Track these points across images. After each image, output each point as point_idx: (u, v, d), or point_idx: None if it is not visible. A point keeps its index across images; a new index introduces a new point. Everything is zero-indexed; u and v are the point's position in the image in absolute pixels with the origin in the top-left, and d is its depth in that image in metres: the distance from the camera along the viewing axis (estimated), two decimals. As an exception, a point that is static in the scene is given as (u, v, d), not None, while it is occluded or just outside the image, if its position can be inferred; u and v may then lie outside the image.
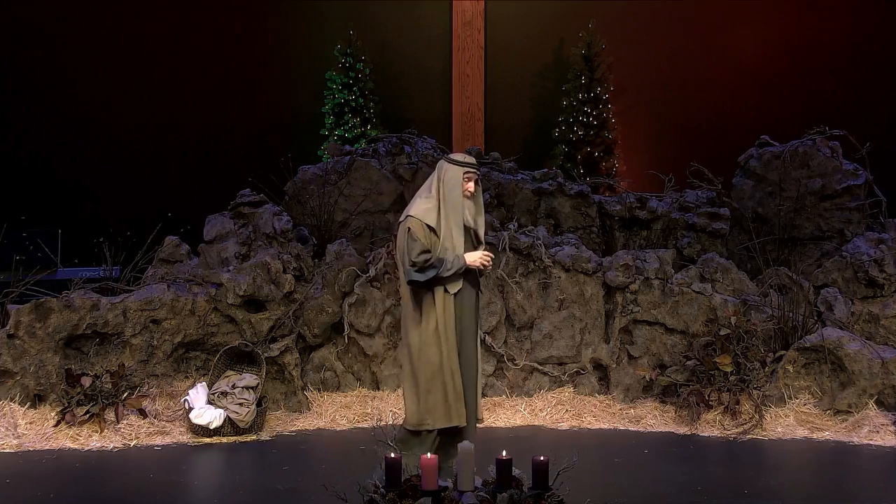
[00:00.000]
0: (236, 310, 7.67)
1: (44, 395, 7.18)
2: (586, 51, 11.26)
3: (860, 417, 7.10)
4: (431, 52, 11.76)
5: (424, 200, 5.25)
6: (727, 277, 8.11)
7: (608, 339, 7.98)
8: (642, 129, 11.64)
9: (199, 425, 6.87)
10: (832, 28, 11.53)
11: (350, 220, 8.92)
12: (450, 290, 5.16)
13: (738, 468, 6.10)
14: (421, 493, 4.30)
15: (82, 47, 11.12)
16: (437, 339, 5.15)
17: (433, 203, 5.23)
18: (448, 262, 5.11)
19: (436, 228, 5.18)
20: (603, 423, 7.40)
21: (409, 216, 5.20)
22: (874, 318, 7.74)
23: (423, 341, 5.17)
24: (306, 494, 5.46)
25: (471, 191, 5.27)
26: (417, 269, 5.11)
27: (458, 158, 5.30)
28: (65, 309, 7.29)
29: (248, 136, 11.22)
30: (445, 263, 5.11)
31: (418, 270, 5.11)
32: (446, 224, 5.18)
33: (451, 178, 5.24)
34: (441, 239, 5.17)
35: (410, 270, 5.13)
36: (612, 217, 8.97)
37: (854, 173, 8.88)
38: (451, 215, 5.20)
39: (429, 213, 5.21)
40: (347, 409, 7.59)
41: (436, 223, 5.18)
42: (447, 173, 5.25)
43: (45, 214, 9.92)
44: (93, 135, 11.09)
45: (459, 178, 5.23)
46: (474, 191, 5.30)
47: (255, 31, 11.57)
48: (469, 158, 5.33)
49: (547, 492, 4.38)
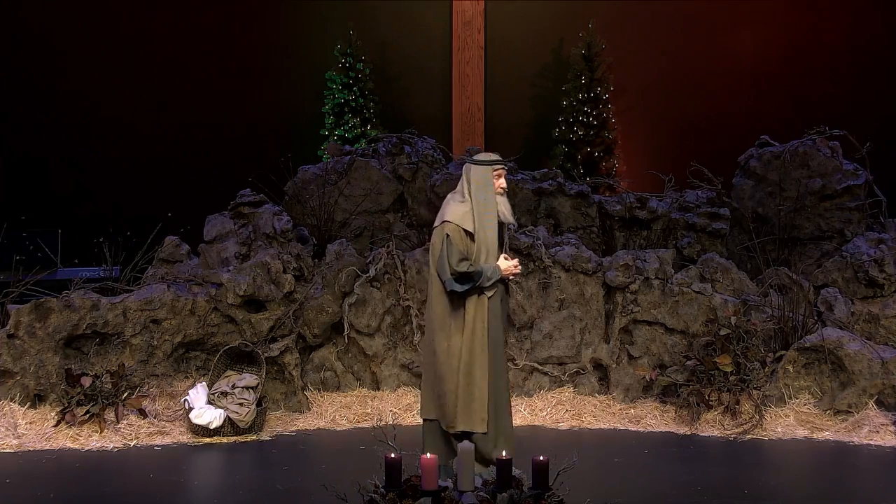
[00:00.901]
0: (236, 310, 7.66)
1: (44, 395, 7.18)
2: (586, 51, 11.25)
3: (860, 417, 7.10)
4: (431, 52, 11.75)
5: (459, 205, 5.21)
6: (727, 277, 8.11)
7: (608, 339, 7.98)
8: (642, 129, 11.63)
9: (199, 425, 6.87)
10: (832, 28, 11.52)
11: (350, 220, 8.92)
12: (487, 293, 5.15)
13: (738, 468, 6.10)
14: (421, 493, 4.30)
15: (82, 47, 11.12)
16: (468, 345, 5.11)
17: (468, 207, 5.19)
18: (486, 274, 5.09)
19: (473, 233, 5.16)
20: (603, 423, 7.40)
21: (445, 221, 5.15)
22: (874, 318, 7.74)
23: (452, 345, 5.13)
24: (306, 494, 5.46)
25: (503, 187, 5.27)
26: (456, 277, 5.08)
27: (484, 158, 5.29)
28: (65, 309, 7.29)
29: (248, 136, 11.21)
30: (484, 275, 5.09)
31: (458, 280, 5.08)
32: (481, 227, 5.16)
33: (481, 177, 5.22)
34: (476, 243, 5.15)
35: (451, 280, 5.09)
36: (612, 217, 8.97)
37: (854, 173, 8.88)
38: (485, 217, 5.18)
39: (465, 218, 5.17)
40: (347, 409, 7.59)
41: (473, 227, 5.16)
42: (476, 174, 5.23)
43: (45, 214, 9.92)
44: (93, 135, 11.09)
45: (489, 177, 5.23)
46: (506, 186, 5.30)
47: (255, 31, 11.56)
48: (493, 155, 5.33)
49: (547, 492, 4.38)
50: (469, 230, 5.15)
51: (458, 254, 5.08)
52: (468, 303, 5.13)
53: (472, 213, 5.17)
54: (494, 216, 5.20)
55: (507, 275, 5.20)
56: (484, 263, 5.12)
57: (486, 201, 5.19)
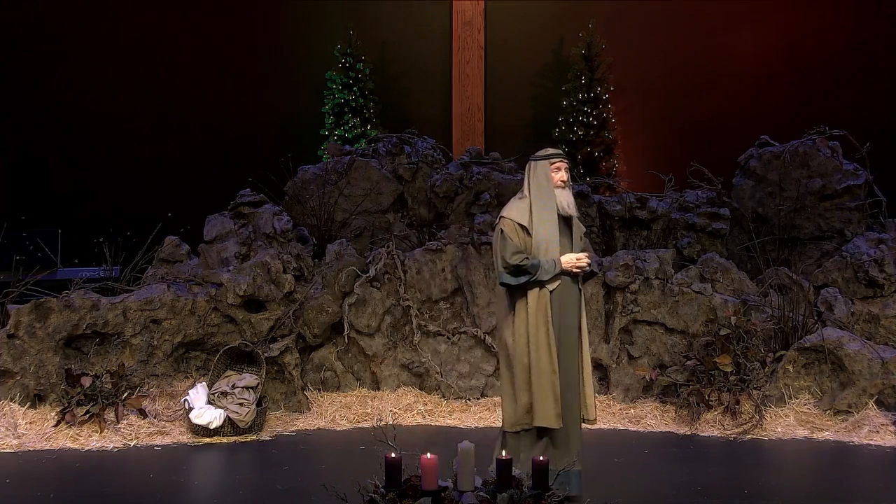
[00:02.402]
0: (236, 310, 7.67)
1: (44, 395, 7.18)
2: (586, 51, 11.26)
3: (860, 417, 7.10)
4: (431, 52, 11.75)
5: (518, 201, 5.25)
6: (727, 277, 8.11)
7: (608, 339, 7.98)
8: (642, 129, 11.64)
9: (199, 425, 6.87)
10: (832, 28, 11.52)
11: (350, 220, 8.92)
12: (548, 286, 5.11)
13: (738, 468, 6.10)
14: (421, 493, 4.30)
15: (82, 47, 11.13)
16: (528, 339, 5.10)
17: (525, 203, 5.22)
18: (544, 268, 5.07)
19: (528, 227, 5.15)
20: (603, 423, 7.40)
21: (501, 217, 5.21)
22: (874, 318, 7.74)
23: (517, 341, 5.12)
24: (306, 494, 5.46)
25: (563, 180, 5.25)
26: (510, 271, 5.08)
27: (541, 153, 5.31)
28: (65, 309, 7.29)
29: (248, 136, 11.22)
30: (541, 269, 5.07)
31: (511, 273, 5.08)
32: (539, 221, 5.15)
33: (540, 173, 5.24)
34: (534, 237, 5.14)
35: (503, 273, 5.11)
36: (612, 217, 8.97)
37: (854, 173, 8.88)
38: (543, 211, 5.16)
39: (521, 213, 5.19)
40: (347, 409, 7.59)
41: (528, 222, 5.15)
42: (534, 170, 5.26)
43: (45, 214, 9.92)
44: (93, 135, 11.09)
45: (547, 171, 5.23)
46: (565, 178, 5.26)
47: (255, 31, 11.57)
48: (552, 150, 5.34)
49: (547, 492, 4.38)
50: (524, 224, 5.15)
51: (514, 247, 5.09)
52: (529, 296, 5.10)
53: (528, 209, 5.18)
54: (553, 209, 5.17)
55: (570, 268, 5.12)
56: (543, 257, 5.09)
57: (544, 195, 5.19)
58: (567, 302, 5.17)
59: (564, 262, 5.11)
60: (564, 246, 5.19)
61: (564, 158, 5.31)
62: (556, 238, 5.14)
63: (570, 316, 5.20)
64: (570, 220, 5.27)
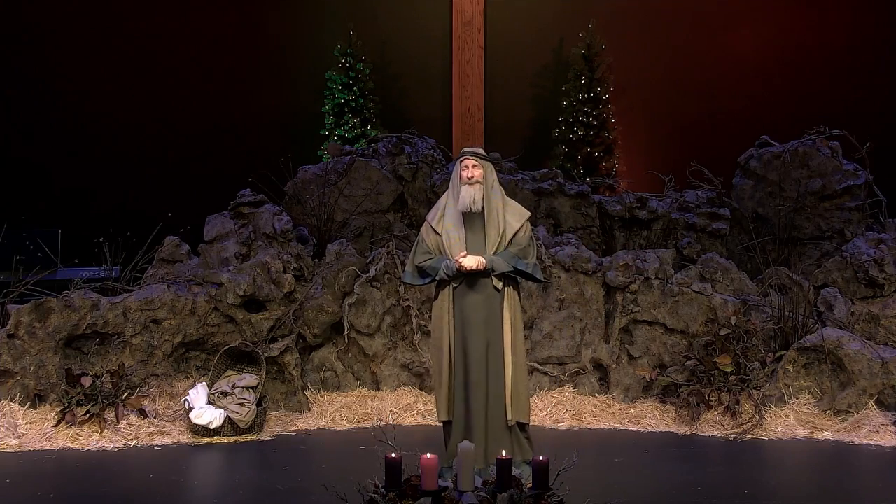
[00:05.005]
0: (236, 310, 7.67)
1: (44, 395, 7.18)
2: (586, 51, 11.25)
3: (860, 417, 7.10)
4: (431, 52, 11.74)
5: (438, 201, 5.43)
6: (727, 277, 8.11)
7: (608, 339, 7.98)
8: (642, 129, 11.63)
9: (199, 425, 6.87)
10: (832, 28, 11.52)
11: (350, 220, 8.92)
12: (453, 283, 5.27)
13: (738, 468, 6.10)
14: (421, 493, 4.30)
15: (82, 47, 11.11)
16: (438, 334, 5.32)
17: (443, 202, 5.38)
18: (442, 269, 5.23)
19: (436, 227, 5.29)
20: (603, 423, 7.40)
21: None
22: (874, 318, 7.74)
23: (433, 336, 5.38)
24: (306, 494, 5.46)
25: (469, 176, 5.26)
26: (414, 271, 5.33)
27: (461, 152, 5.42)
28: (65, 309, 7.29)
29: (248, 136, 11.21)
30: (440, 270, 5.24)
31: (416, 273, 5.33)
32: (448, 219, 5.28)
33: (454, 172, 5.38)
34: (442, 235, 5.26)
35: (406, 272, 5.39)
36: (612, 217, 8.97)
37: (854, 173, 8.88)
38: (450, 209, 5.29)
39: (434, 213, 5.36)
40: (347, 409, 7.59)
41: (437, 222, 5.29)
42: (453, 170, 5.39)
43: (45, 214, 9.92)
44: (93, 135, 11.08)
45: (457, 169, 5.35)
46: (473, 174, 5.25)
47: (255, 30, 11.56)
48: (468, 148, 5.44)
49: (547, 492, 4.38)
50: (432, 224, 5.31)
51: (423, 249, 5.31)
52: (439, 293, 5.32)
53: (443, 208, 5.33)
54: (455, 207, 5.27)
55: (460, 267, 5.15)
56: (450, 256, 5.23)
57: (454, 193, 5.31)
58: (473, 301, 5.21)
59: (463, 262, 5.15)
60: (474, 243, 5.22)
61: (473, 155, 5.30)
62: (458, 236, 5.21)
63: (477, 313, 5.20)
64: (484, 217, 5.25)
